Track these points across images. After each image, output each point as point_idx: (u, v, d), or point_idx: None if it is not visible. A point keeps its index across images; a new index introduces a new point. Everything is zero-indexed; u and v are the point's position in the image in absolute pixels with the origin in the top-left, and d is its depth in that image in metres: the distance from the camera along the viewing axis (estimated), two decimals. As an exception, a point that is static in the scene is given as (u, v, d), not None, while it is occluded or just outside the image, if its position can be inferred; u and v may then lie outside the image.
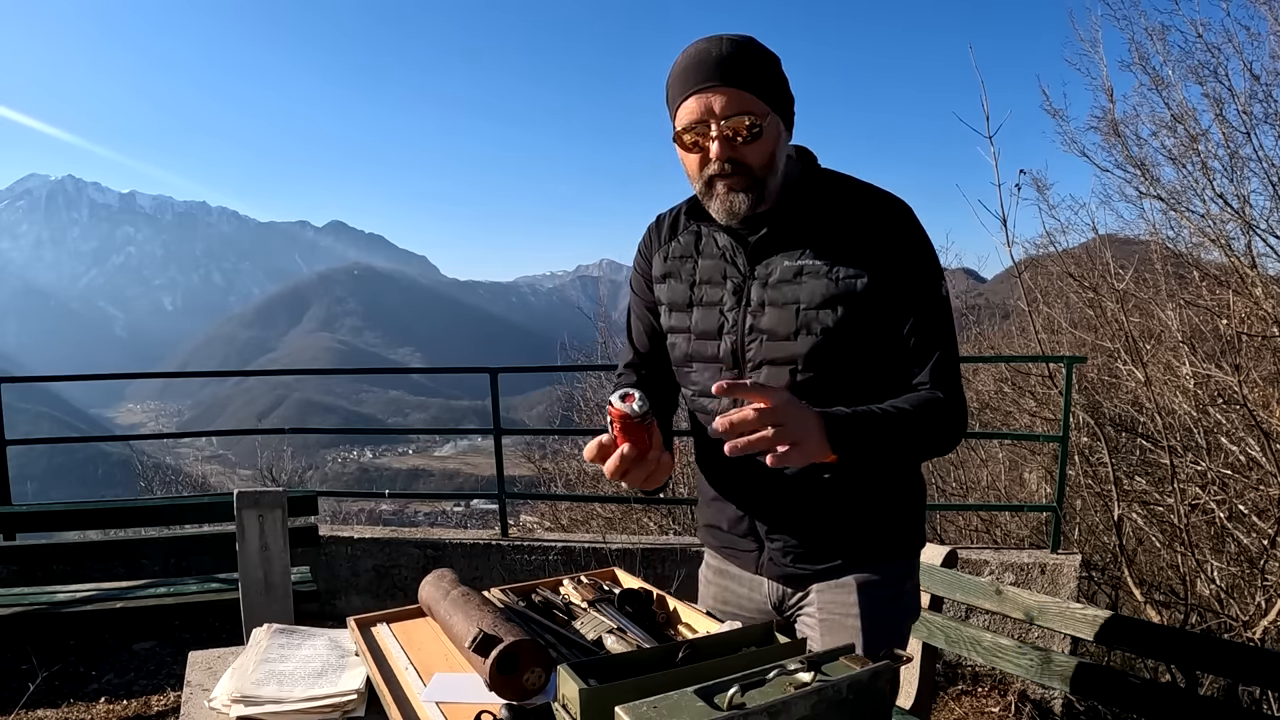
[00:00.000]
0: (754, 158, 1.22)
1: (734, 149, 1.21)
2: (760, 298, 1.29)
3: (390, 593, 4.06)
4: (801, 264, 1.27)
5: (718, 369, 1.34)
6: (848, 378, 1.27)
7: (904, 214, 1.28)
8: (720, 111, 1.19)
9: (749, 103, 1.20)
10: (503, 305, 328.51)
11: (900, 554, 1.40)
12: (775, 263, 1.29)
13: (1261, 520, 3.53)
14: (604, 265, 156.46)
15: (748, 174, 1.23)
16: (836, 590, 1.35)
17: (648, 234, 1.48)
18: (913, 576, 1.42)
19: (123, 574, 3.80)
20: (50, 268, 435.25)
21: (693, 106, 1.21)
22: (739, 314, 1.31)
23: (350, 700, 1.14)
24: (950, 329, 1.29)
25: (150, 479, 8.50)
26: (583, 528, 6.09)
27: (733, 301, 1.32)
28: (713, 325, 1.34)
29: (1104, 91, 4.73)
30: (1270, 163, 4.25)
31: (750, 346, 1.30)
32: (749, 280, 1.31)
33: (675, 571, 3.75)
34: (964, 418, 1.28)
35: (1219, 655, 1.68)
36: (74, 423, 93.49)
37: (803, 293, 1.26)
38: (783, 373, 1.27)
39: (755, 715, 0.77)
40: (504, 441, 4.33)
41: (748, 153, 1.22)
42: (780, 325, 1.27)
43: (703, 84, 1.19)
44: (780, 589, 1.41)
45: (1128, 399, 4.56)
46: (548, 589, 1.43)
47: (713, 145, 1.21)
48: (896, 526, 1.38)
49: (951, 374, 1.27)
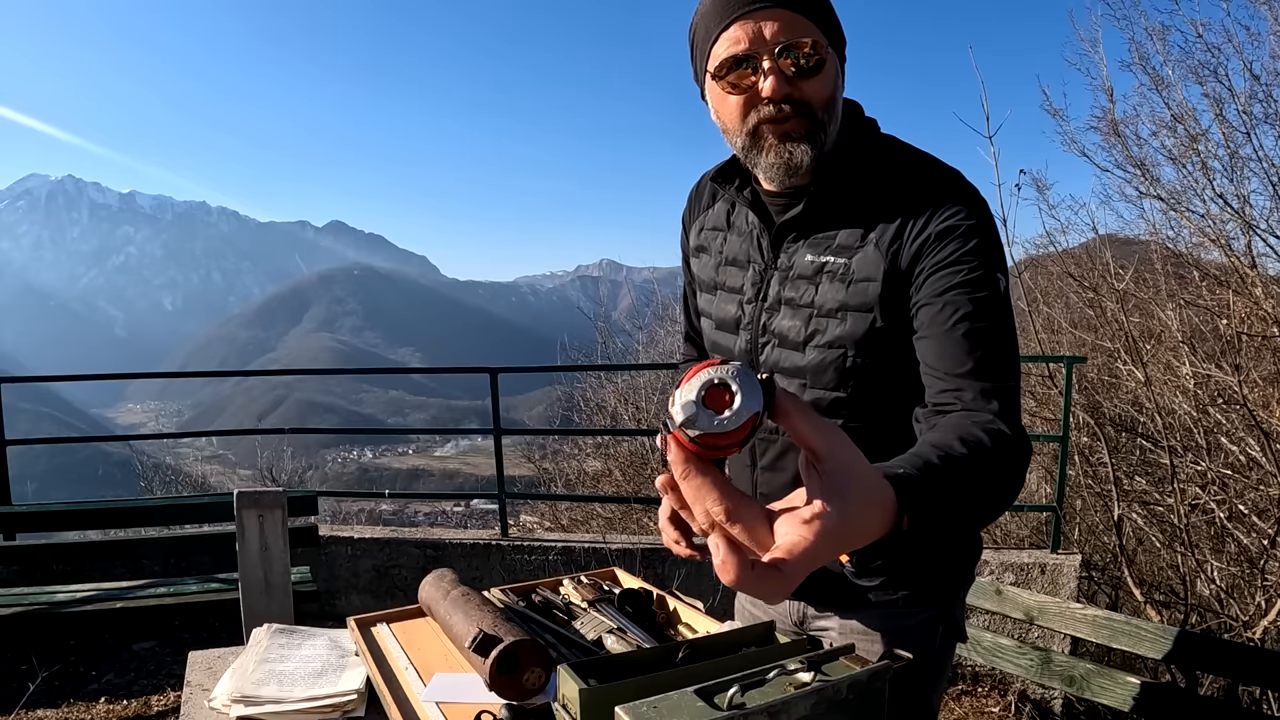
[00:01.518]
0: (815, 94, 0.99)
1: (791, 84, 0.98)
2: (778, 294, 1.11)
3: (390, 593, 4.06)
4: (825, 260, 1.05)
5: None
6: (868, 401, 1.07)
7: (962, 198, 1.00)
8: (773, 37, 0.97)
9: (807, 28, 0.98)
10: (503, 305, 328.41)
11: (936, 594, 1.18)
12: (799, 254, 1.09)
13: (1261, 520, 3.53)
14: (604, 265, 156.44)
15: (808, 115, 1.00)
16: (857, 631, 1.19)
17: (689, 202, 1.28)
18: (951, 619, 1.19)
19: (123, 574, 3.80)
20: (50, 268, 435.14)
21: (737, 35, 0.98)
22: (756, 309, 1.13)
23: (350, 700, 1.14)
24: (1010, 336, 0.97)
25: (150, 479, 8.51)
26: (583, 528, 6.09)
27: (752, 293, 1.14)
28: (730, 316, 1.17)
29: (1104, 91, 4.74)
30: (1270, 163, 4.25)
31: (764, 349, 1.13)
32: (770, 270, 1.12)
33: (675, 571, 3.75)
34: (1029, 456, 0.91)
35: (1219, 655, 1.68)
36: (74, 423, 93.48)
37: (818, 295, 1.06)
38: (791, 385, 1.10)
39: (755, 715, 0.77)
40: (504, 441, 4.33)
41: (808, 88, 0.99)
42: (792, 330, 1.09)
43: (749, 6, 0.97)
44: (801, 607, 1.27)
45: (1128, 399, 4.56)
46: (548, 589, 1.43)
47: (765, 80, 0.98)
48: (934, 561, 1.16)
49: (1012, 396, 0.94)
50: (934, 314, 0.97)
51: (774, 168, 1.03)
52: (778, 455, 1.16)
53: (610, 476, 6.63)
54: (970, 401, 0.93)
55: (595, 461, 7.09)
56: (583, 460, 7.25)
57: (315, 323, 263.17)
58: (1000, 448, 0.84)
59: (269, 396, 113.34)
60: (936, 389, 0.97)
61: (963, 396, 0.93)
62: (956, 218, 0.99)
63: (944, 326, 0.96)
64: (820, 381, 1.08)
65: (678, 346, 6.85)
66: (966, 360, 0.94)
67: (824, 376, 1.07)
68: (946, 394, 0.95)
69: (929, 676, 1.21)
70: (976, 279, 0.96)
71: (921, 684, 1.19)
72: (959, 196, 1.01)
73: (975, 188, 1.03)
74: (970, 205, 1.00)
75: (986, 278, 0.97)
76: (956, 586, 1.21)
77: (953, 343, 0.95)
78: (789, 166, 1.01)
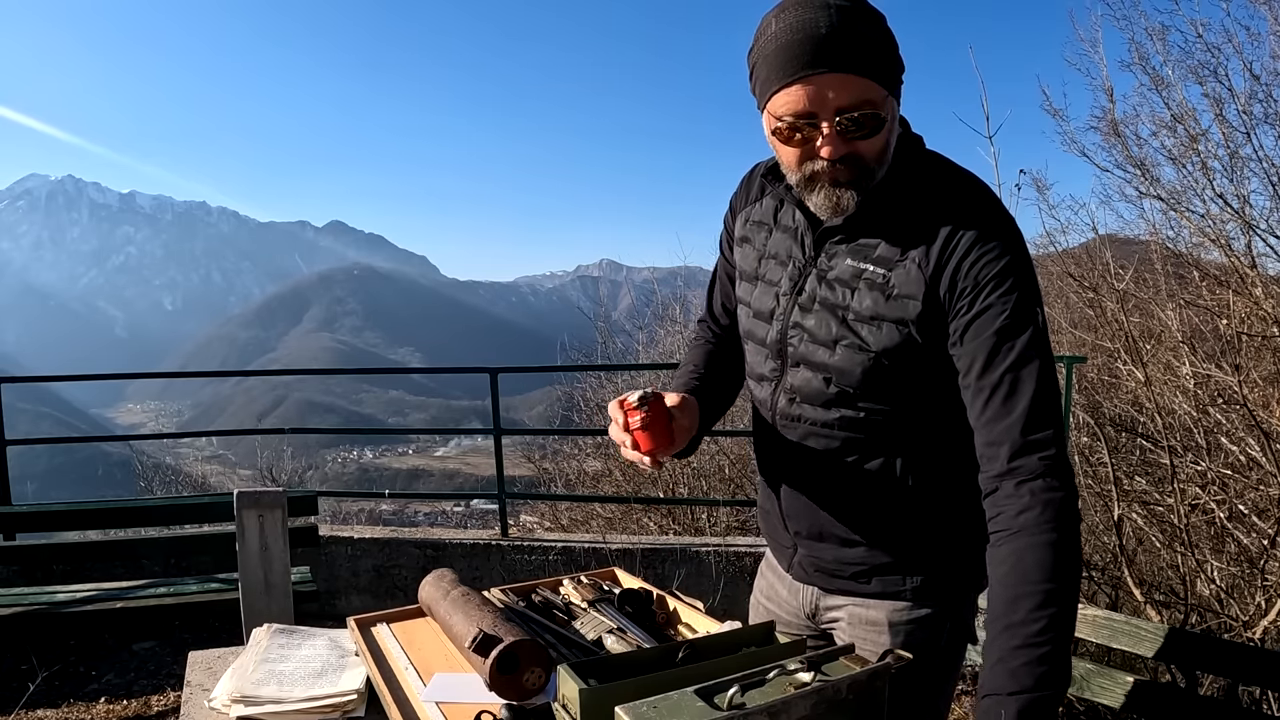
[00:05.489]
0: (870, 150, 1.05)
1: (849, 145, 1.03)
2: (814, 292, 1.15)
3: (390, 593, 4.06)
4: (865, 268, 1.10)
5: (765, 355, 1.23)
6: (893, 405, 1.13)
7: (995, 227, 1.06)
8: (834, 103, 1.00)
9: (867, 89, 1.01)
10: (503, 305, 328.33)
11: (946, 593, 1.21)
12: (840, 258, 1.13)
13: (1261, 520, 3.53)
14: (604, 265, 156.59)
15: (859, 167, 1.05)
16: (866, 621, 1.23)
17: (739, 188, 1.32)
18: (961, 620, 1.23)
19: (123, 574, 3.80)
20: (50, 268, 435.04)
21: (797, 95, 1.01)
22: (790, 302, 1.19)
23: (350, 700, 1.14)
24: (1048, 372, 1.03)
25: (150, 479, 8.50)
26: (583, 528, 6.09)
27: (789, 287, 1.19)
28: (767, 307, 1.22)
29: (1104, 91, 4.74)
30: (1270, 163, 4.25)
31: (792, 341, 1.18)
32: (810, 268, 1.17)
33: (675, 571, 3.75)
34: (1077, 502, 1.01)
35: (1219, 655, 1.68)
36: (74, 423, 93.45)
37: (854, 300, 1.11)
38: (817, 379, 1.15)
39: (755, 715, 0.77)
40: (504, 441, 4.33)
41: (864, 147, 1.04)
42: (822, 329, 1.14)
43: (809, 70, 0.99)
44: (814, 596, 1.30)
45: (1128, 399, 4.56)
46: (548, 589, 1.43)
47: (824, 145, 1.03)
48: (947, 559, 1.20)
49: (1058, 441, 1.01)
50: (979, 359, 1.04)
51: (823, 208, 1.10)
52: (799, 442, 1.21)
53: (610, 476, 6.62)
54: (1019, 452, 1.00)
55: (595, 461, 7.09)
56: (583, 460, 7.24)
57: (315, 323, 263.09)
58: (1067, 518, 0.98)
59: (269, 396, 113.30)
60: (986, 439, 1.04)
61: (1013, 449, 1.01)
62: (995, 252, 1.04)
63: (992, 377, 1.02)
64: (845, 380, 1.13)
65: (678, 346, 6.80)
66: (1013, 412, 1.01)
67: (849, 377, 1.12)
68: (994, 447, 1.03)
69: (935, 674, 1.22)
70: (1017, 321, 1.02)
71: (927, 682, 1.20)
72: (998, 228, 1.06)
73: (1010, 215, 1.09)
74: (1009, 239, 1.06)
75: (1027, 316, 1.03)
76: (967, 588, 1.23)
77: (1000, 395, 1.02)
78: (838, 208, 1.08)
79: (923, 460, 1.16)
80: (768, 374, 1.23)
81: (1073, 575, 0.96)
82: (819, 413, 1.16)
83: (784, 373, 1.20)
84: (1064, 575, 0.95)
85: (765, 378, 1.24)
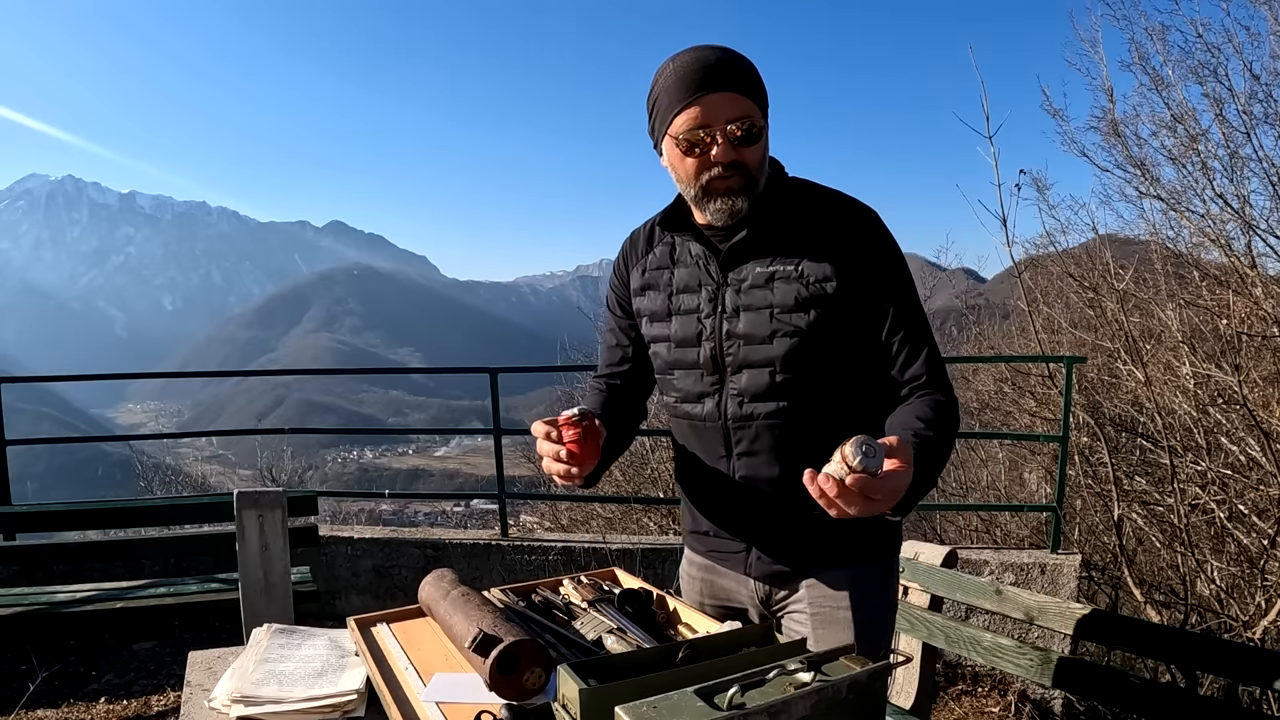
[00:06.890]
0: (752, 159, 1.27)
1: (737, 151, 1.25)
2: (735, 303, 1.33)
3: (390, 593, 4.06)
4: (773, 269, 1.30)
5: (699, 375, 1.37)
6: (825, 377, 1.31)
7: (872, 219, 1.32)
8: (725, 115, 1.23)
9: (749, 106, 1.25)
10: (503, 305, 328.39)
11: (885, 552, 1.43)
12: (748, 269, 1.32)
13: (1261, 520, 3.53)
14: (604, 265, 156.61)
15: (745, 175, 1.27)
16: (827, 585, 1.38)
17: (623, 251, 1.53)
18: (895, 574, 1.47)
19: (123, 574, 3.80)
20: (50, 268, 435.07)
21: (695, 112, 1.24)
22: (715, 320, 1.34)
23: (350, 700, 1.14)
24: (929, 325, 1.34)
25: (150, 479, 8.50)
26: (583, 528, 6.10)
27: (709, 308, 1.35)
28: (691, 332, 1.37)
29: (1104, 91, 4.73)
30: (1270, 163, 4.25)
31: (729, 352, 1.33)
32: (723, 287, 1.34)
33: (675, 572, 3.75)
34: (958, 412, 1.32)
35: (1219, 655, 1.68)
36: (74, 423, 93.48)
37: (775, 296, 1.30)
38: (762, 374, 1.31)
39: (755, 715, 0.77)
40: (504, 441, 4.33)
41: (748, 154, 1.26)
42: (756, 329, 1.31)
43: (704, 90, 1.23)
44: (766, 587, 1.43)
45: (1128, 399, 4.55)
46: (548, 589, 1.43)
47: (716, 148, 1.24)
48: (882, 526, 1.40)
49: (943, 369, 1.31)
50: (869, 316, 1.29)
51: (720, 212, 1.29)
52: (752, 440, 1.34)
53: (610, 476, 6.63)
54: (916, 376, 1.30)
55: (595, 462, 7.09)
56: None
57: (315, 323, 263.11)
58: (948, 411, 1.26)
59: (269, 396, 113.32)
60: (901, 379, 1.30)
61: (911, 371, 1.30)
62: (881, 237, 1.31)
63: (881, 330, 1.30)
64: (788, 367, 1.30)
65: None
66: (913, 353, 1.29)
67: (790, 362, 1.30)
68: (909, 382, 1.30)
69: (887, 619, 1.42)
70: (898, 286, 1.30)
71: (883, 628, 1.40)
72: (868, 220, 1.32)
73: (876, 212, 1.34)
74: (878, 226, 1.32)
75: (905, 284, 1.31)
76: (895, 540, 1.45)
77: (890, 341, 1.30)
78: (732, 212, 1.29)
79: (856, 426, 1.28)
80: (707, 389, 1.37)
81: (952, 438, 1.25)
82: (768, 406, 1.32)
83: (724, 382, 1.35)
84: (942, 420, 1.23)
85: (705, 394, 1.37)
